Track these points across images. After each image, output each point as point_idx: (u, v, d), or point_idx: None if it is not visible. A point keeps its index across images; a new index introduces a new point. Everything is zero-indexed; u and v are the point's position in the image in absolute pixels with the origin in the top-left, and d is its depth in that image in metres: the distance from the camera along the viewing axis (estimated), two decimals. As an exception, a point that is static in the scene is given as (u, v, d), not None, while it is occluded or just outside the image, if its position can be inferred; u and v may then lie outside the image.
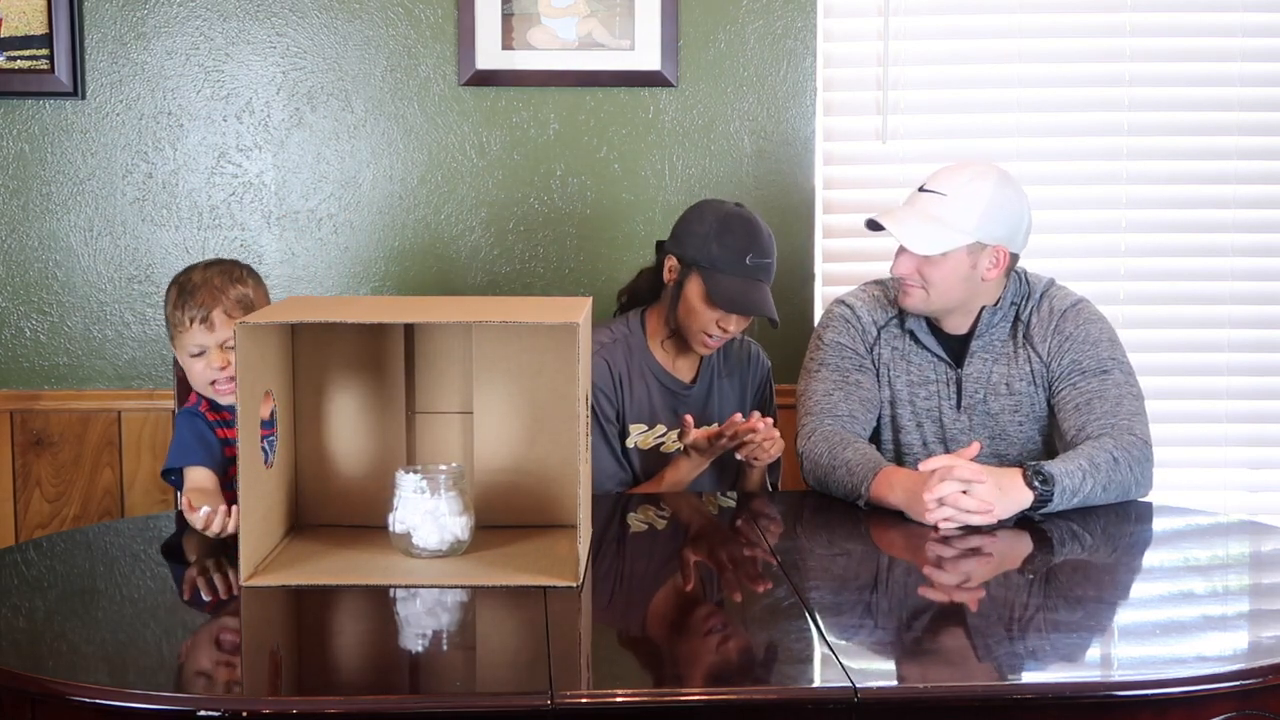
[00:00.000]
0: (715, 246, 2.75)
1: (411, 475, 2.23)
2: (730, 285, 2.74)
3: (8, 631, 2.03)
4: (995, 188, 2.60)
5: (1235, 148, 3.36)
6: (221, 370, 2.51)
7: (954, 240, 2.57)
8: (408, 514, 2.23)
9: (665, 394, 2.85)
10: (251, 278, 2.59)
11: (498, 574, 2.18)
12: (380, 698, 1.81)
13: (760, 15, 3.24)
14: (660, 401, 2.84)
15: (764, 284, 2.78)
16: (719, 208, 2.82)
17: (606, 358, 2.82)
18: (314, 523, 2.43)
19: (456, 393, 2.44)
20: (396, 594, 2.14)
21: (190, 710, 1.76)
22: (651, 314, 2.89)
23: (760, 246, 2.77)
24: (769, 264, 2.79)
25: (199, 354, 2.51)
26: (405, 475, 2.24)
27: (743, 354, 2.97)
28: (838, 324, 2.77)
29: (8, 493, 3.27)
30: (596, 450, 2.79)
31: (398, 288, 3.28)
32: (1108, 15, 3.33)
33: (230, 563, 2.24)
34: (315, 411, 2.42)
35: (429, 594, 2.14)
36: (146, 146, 3.23)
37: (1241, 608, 2.20)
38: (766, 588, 2.18)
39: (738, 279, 2.75)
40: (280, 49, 3.22)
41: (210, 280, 2.53)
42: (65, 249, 3.25)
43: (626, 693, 1.84)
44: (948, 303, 2.65)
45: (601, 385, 2.80)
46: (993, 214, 2.58)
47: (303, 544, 2.33)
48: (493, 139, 3.25)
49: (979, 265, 2.61)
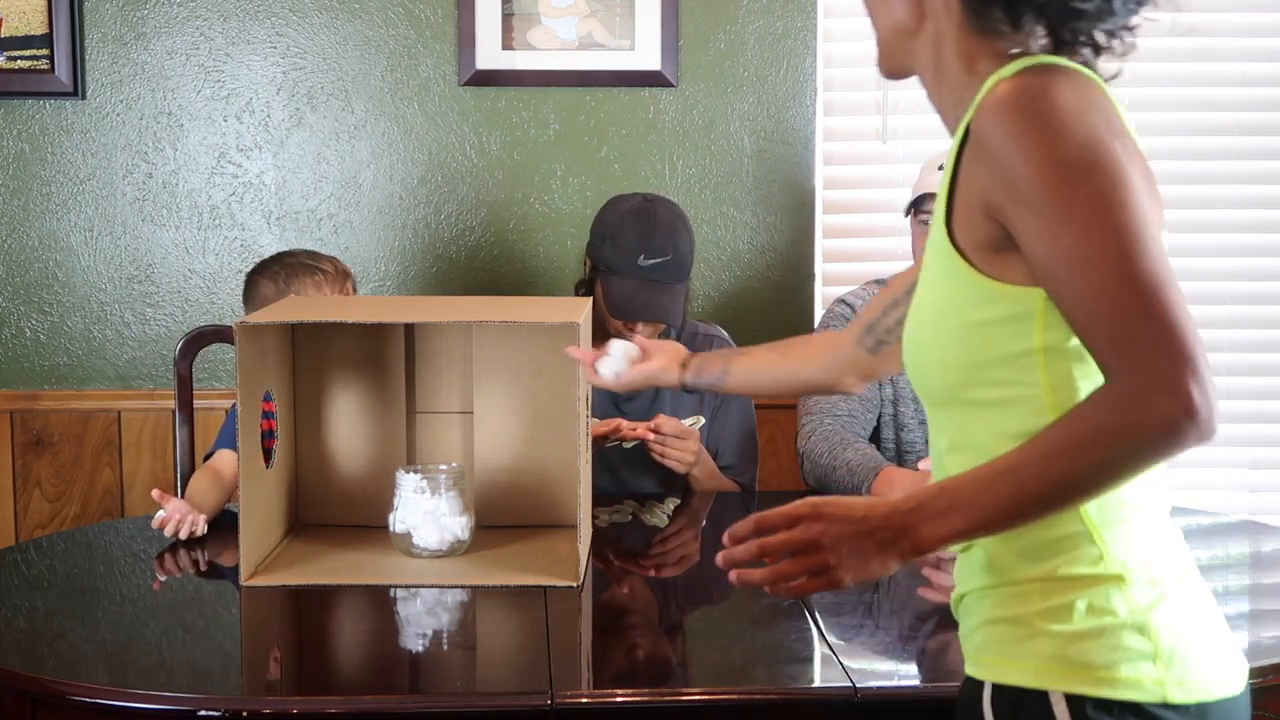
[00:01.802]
0: (609, 248, 2.70)
1: (412, 475, 2.24)
2: (623, 289, 2.68)
3: (8, 631, 2.03)
4: None
5: (1235, 148, 3.36)
6: None
7: None
8: (408, 514, 2.23)
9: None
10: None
11: (498, 574, 2.18)
12: (380, 698, 1.81)
13: (760, 15, 3.24)
14: (600, 393, 2.80)
15: (661, 284, 2.68)
16: (621, 205, 2.76)
17: None
18: (314, 522, 2.43)
19: (456, 393, 2.45)
20: (397, 594, 2.14)
21: (190, 710, 1.76)
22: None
23: (654, 245, 2.67)
24: (665, 263, 2.68)
25: None
26: (406, 475, 2.25)
27: (703, 348, 2.91)
28: (838, 324, 2.77)
29: (8, 493, 3.27)
30: None
31: (398, 288, 3.28)
32: (1108, 15, 3.33)
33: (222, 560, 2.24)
34: (315, 411, 2.42)
35: (429, 594, 2.14)
36: (146, 146, 3.23)
37: (1241, 608, 2.20)
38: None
39: (631, 281, 2.67)
40: (280, 49, 3.22)
41: (299, 256, 2.68)
42: (65, 249, 3.24)
43: (626, 693, 1.84)
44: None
45: None
46: None
47: (303, 544, 2.33)
48: (493, 139, 3.25)
49: None
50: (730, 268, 3.30)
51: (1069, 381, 1.33)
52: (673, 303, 2.70)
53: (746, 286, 3.31)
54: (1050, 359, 1.33)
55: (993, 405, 1.37)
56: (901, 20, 1.44)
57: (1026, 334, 1.33)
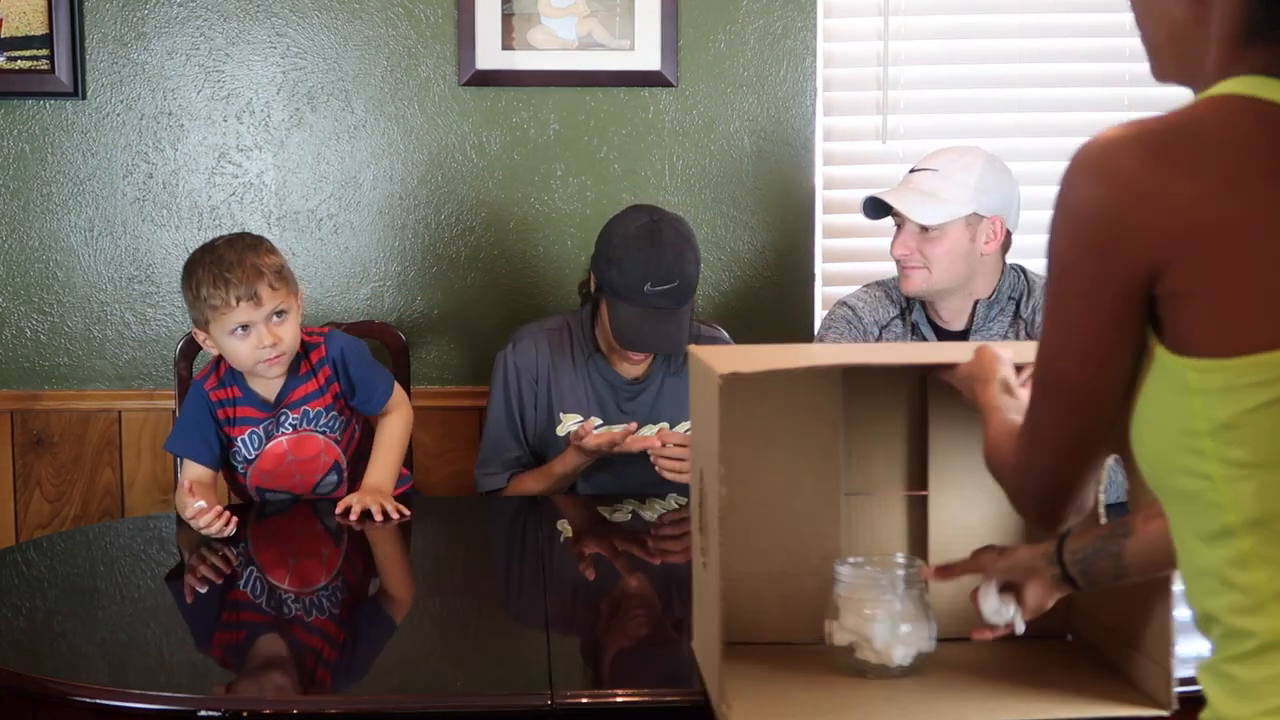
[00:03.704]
0: (615, 273, 2.67)
1: (861, 569, 1.80)
2: (629, 317, 2.66)
3: (8, 631, 2.03)
4: (985, 161, 2.67)
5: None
6: (272, 345, 2.48)
7: (952, 211, 2.62)
8: (856, 621, 1.76)
9: (608, 388, 2.83)
10: (270, 246, 2.58)
11: (1028, 701, 1.68)
12: (380, 698, 1.81)
13: (760, 15, 3.24)
14: (602, 394, 2.83)
15: (668, 311, 2.66)
16: (626, 226, 2.71)
17: (536, 342, 2.83)
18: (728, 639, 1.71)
19: (898, 468, 1.93)
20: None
21: (190, 710, 1.76)
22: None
23: (660, 273, 2.63)
24: (672, 289, 2.64)
25: (244, 333, 2.48)
26: (850, 569, 1.80)
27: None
28: (839, 325, 2.77)
29: (8, 493, 3.27)
30: (494, 424, 2.83)
31: (397, 288, 3.28)
32: (1108, 15, 3.33)
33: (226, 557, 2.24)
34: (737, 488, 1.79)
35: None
36: (147, 146, 3.23)
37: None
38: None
39: (637, 309, 2.65)
40: (280, 49, 3.22)
41: (244, 257, 2.49)
42: (65, 249, 3.24)
43: (626, 693, 1.84)
44: (949, 281, 2.66)
45: (525, 367, 2.81)
46: (986, 185, 2.64)
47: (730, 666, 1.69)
48: (493, 139, 3.25)
49: (977, 239, 2.65)
50: (730, 268, 3.30)
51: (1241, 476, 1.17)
52: (679, 330, 2.69)
53: (746, 286, 3.31)
54: (1218, 444, 1.17)
55: (1180, 499, 1.23)
56: (1176, 18, 1.29)
57: (1186, 411, 1.18)
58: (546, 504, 2.74)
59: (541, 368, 2.82)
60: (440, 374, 3.30)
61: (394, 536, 2.48)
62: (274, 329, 2.48)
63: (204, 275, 2.48)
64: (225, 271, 2.46)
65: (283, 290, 2.51)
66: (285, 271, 2.54)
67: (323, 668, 1.96)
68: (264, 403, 2.59)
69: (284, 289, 2.52)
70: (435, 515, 2.79)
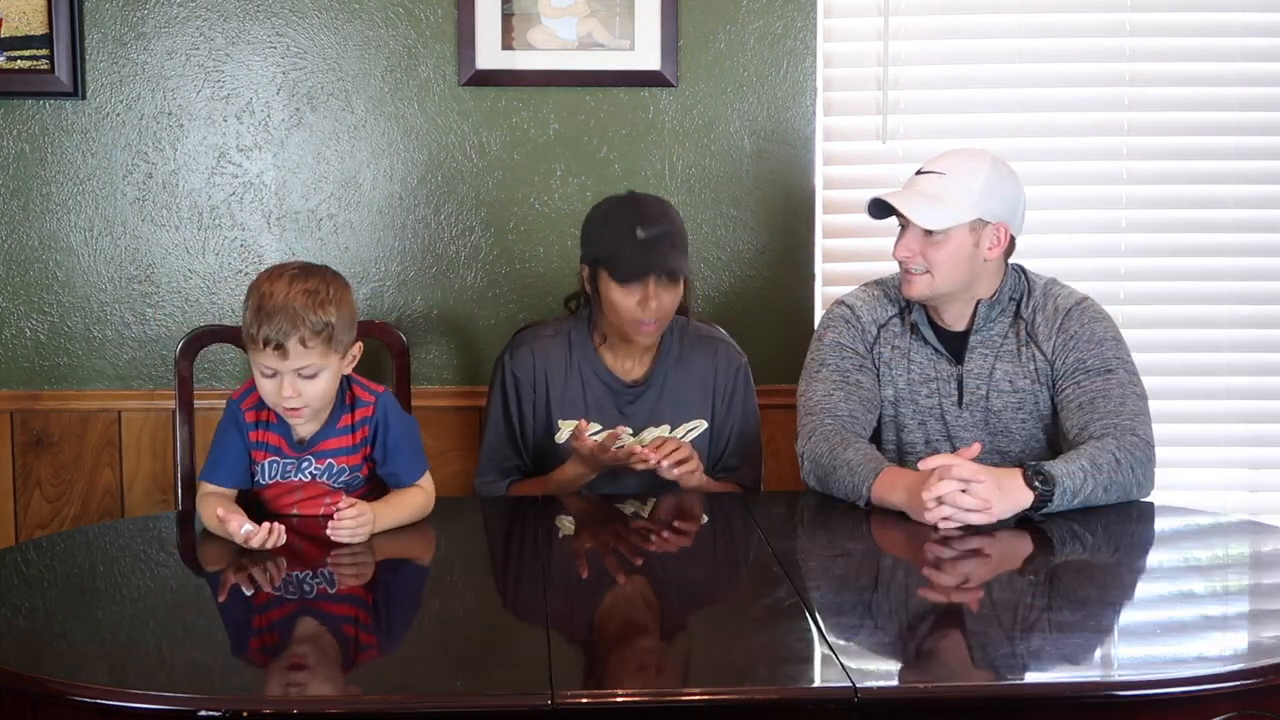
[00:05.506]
0: (605, 234, 2.76)
1: None
2: (626, 256, 2.71)
3: (8, 631, 2.03)
4: (991, 166, 2.65)
5: (1235, 147, 3.36)
6: (290, 398, 2.36)
7: (957, 217, 2.60)
8: None
9: (607, 392, 2.83)
10: (336, 298, 2.39)
11: None
12: (380, 698, 1.81)
13: (760, 15, 3.24)
14: (603, 399, 2.83)
15: (663, 247, 2.72)
16: (602, 204, 2.84)
17: (534, 349, 2.84)
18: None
19: None
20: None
21: (190, 710, 1.76)
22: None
23: (646, 217, 2.73)
24: (663, 231, 2.72)
25: (271, 375, 2.36)
26: None
27: (706, 352, 2.88)
28: (838, 324, 2.77)
29: (8, 493, 3.27)
30: (493, 432, 2.84)
31: (397, 288, 3.28)
32: (1108, 15, 3.33)
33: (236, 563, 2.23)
34: None
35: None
36: (146, 146, 3.23)
37: (1241, 608, 2.20)
38: (767, 588, 2.18)
39: (632, 250, 2.71)
40: (280, 49, 3.22)
41: (293, 303, 2.33)
42: (65, 249, 3.24)
43: (626, 693, 1.84)
44: (952, 285, 2.65)
45: (523, 377, 2.82)
46: (991, 190, 2.63)
47: None
48: (493, 139, 3.25)
49: (981, 244, 2.63)
50: (730, 268, 3.30)
51: None
52: (678, 265, 2.72)
53: (746, 286, 3.31)
54: None
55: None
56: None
57: None
58: (546, 502, 2.74)
59: (539, 375, 2.82)
60: (440, 374, 3.30)
61: (394, 536, 2.48)
62: (297, 384, 2.36)
63: (254, 299, 2.37)
64: (267, 314, 2.33)
65: (317, 351, 2.35)
66: (330, 331, 2.36)
67: (323, 668, 1.96)
68: (294, 441, 2.49)
69: (319, 349, 2.35)
70: (434, 515, 2.78)
